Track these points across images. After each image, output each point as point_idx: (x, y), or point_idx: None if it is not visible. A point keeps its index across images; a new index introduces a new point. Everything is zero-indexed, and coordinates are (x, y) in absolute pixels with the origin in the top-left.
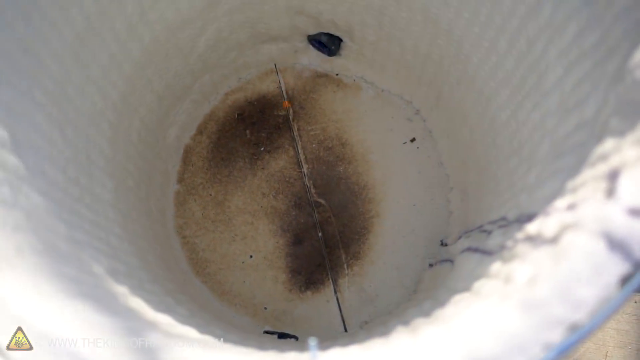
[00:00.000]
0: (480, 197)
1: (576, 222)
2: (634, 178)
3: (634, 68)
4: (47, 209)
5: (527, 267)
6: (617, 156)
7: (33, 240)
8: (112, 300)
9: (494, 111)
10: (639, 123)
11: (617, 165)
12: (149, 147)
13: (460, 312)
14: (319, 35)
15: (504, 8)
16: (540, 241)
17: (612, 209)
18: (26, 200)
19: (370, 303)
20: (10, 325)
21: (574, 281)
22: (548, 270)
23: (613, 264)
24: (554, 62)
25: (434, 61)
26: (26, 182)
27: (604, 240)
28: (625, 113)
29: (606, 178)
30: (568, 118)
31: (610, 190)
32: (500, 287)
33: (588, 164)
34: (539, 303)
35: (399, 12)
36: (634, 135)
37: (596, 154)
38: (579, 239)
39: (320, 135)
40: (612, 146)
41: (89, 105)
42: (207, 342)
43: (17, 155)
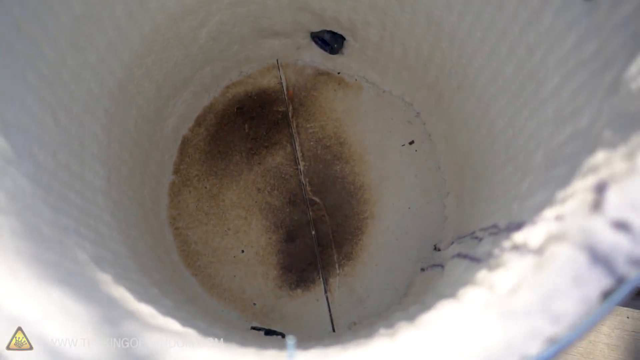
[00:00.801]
0: (475, 203)
1: (561, 233)
2: (621, 191)
3: (629, 80)
4: (33, 193)
5: (510, 276)
6: (607, 168)
7: (14, 223)
8: (92, 288)
9: (492, 117)
10: (631, 136)
11: (605, 178)
12: (145, 136)
13: (441, 318)
14: (322, 33)
15: (506, 13)
16: (526, 250)
17: (597, 221)
18: (11, 183)
19: (360, 304)
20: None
21: (555, 293)
22: (530, 280)
23: (595, 278)
24: (552, 71)
25: (436, 64)
26: (13, 165)
27: (587, 253)
28: (618, 125)
29: (594, 190)
30: (563, 128)
31: (597, 203)
32: (484, 294)
33: (579, 175)
34: (518, 313)
35: (402, 13)
36: (625, 148)
37: (587, 165)
38: (562, 250)
39: (319, 133)
40: (603, 158)
41: (84, 91)
42: (187, 336)
43: (5, 137)
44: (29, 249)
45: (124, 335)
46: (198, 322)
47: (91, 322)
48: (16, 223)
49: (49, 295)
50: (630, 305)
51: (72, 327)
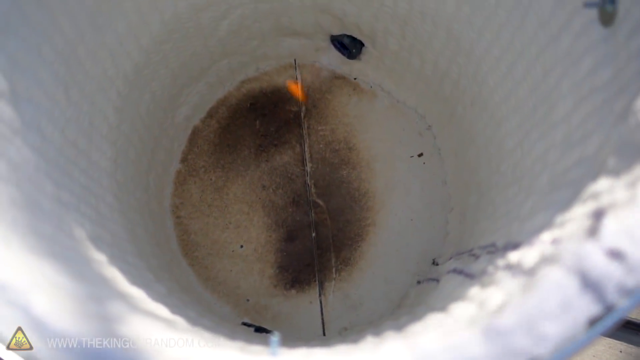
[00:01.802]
0: (477, 221)
1: (554, 255)
2: (618, 220)
3: (636, 110)
4: (37, 165)
5: (499, 294)
6: (608, 196)
7: (14, 192)
8: (85, 265)
9: (502, 137)
10: (635, 165)
11: (604, 205)
12: (156, 122)
13: (426, 330)
14: (341, 37)
15: (525, 34)
16: (519, 271)
17: (591, 247)
18: (16, 153)
19: (352, 310)
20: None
21: (541, 315)
22: (517, 300)
23: (583, 304)
24: (566, 95)
25: (452, 79)
26: (19, 135)
27: (578, 278)
28: (624, 154)
29: (591, 216)
30: (570, 153)
31: (593, 229)
32: (472, 310)
33: (580, 201)
34: (502, 331)
35: (423, 25)
36: (628, 178)
37: (589, 192)
38: (553, 273)
39: (329, 137)
40: (606, 186)
41: (99, 71)
42: (175, 323)
43: (14, 108)
44: (25, 220)
45: (110, 315)
46: (189, 311)
47: (78, 298)
48: (15, 193)
49: (39, 267)
50: (623, 339)
51: (58, 300)
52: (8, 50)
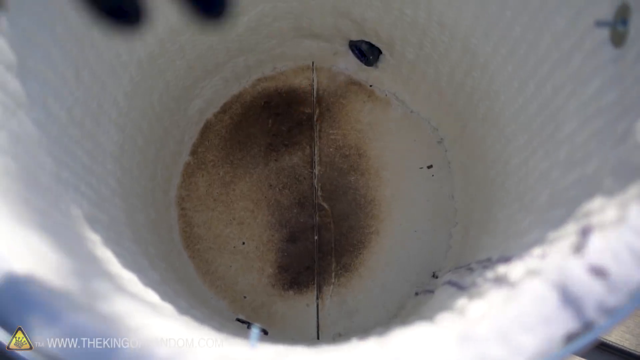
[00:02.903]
0: (479, 236)
1: (538, 269)
2: (605, 238)
3: (636, 132)
4: (39, 141)
5: (483, 305)
6: (599, 215)
7: (10, 163)
8: (76, 243)
9: (509, 153)
10: (629, 187)
11: (593, 223)
12: (168, 112)
13: (405, 335)
14: (360, 43)
15: (539, 52)
16: (505, 283)
17: (574, 263)
18: (17, 126)
19: (348, 317)
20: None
21: (519, 326)
22: (497, 310)
23: (562, 318)
24: (572, 114)
25: (466, 92)
26: (23, 109)
27: (559, 293)
28: (620, 175)
29: (578, 233)
30: (571, 172)
31: (579, 246)
32: (454, 319)
33: (574, 219)
34: (477, 339)
35: (440, 37)
36: (621, 198)
37: (584, 210)
38: (535, 285)
39: (340, 141)
40: (599, 205)
41: (112, 55)
42: (161, 309)
43: (21, 82)
44: (19, 192)
45: (92, 291)
46: (180, 301)
47: (61, 271)
48: (12, 164)
49: (24, 236)
50: (579, 353)
51: (38, 270)
52: (21, 25)
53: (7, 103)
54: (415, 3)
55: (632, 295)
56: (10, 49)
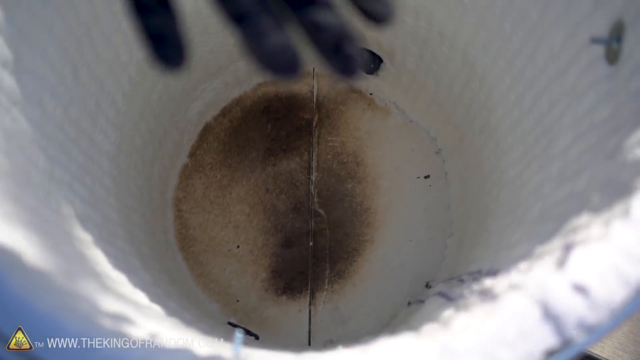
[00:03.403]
0: (472, 248)
1: (520, 283)
2: (587, 255)
3: (627, 149)
4: (33, 138)
5: (466, 317)
6: (584, 231)
7: (2, 161)
8: (65, 241)
9: (504, 166)
10: (615, 204)
11: (577, 239)
12: (167, 114)
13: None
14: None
15: (536, 65)
16: (489, 296)
17: (557, 279)
18: (11, 123)
19: (340, 324)
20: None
21: (498, 340)
22: (479, 323)
23: (542, 334)
24: (566, 129)
25: (464, 104)
26: (18, 106)
27: (540, 308)
28: (607, 191)
29: (562, 248)
30: (562, 187)
31: (561, 261)
32: (438, 330)
33: (561, 234)
34: (458, 352)
35: (440, 47)
36: (606, 215)
37: (571, 226)
38: (516, 300)
39: (338, 148)
40: (585, 221)
41: (111, 55)
42: (148, 310)
43: (16, 79)
44: (8, 189)
45: (74, 289)
46: (170, 302)
47: (44, 269)
48: (3, 160)
49: (8, 231)
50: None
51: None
52: (17, 22)
53: (1, 100)
54: (416, 13)
55: (613, 313)
56: (6, 46)
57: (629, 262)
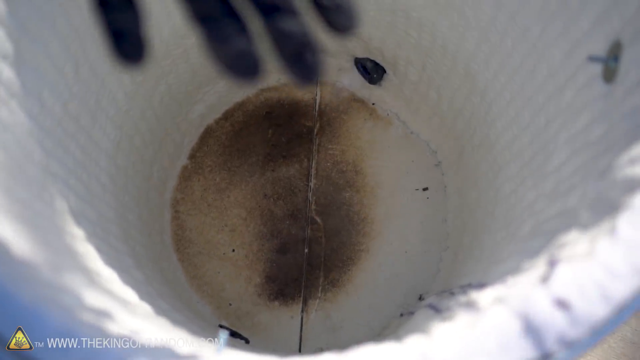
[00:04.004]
0: (466, 261)
1: (504, 297)
2: (572, 271)
3: (617, 168)
4: (30, 131)
5: (448, 327)
6: (570, 248)
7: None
8: (55, 235)
9: (501, 181)
10: (602, 222)
11: (562, 255)
12: (169, 114)
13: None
14: (365, 60)
15: (535, 82)
16: (473, 308)
17: (539, 293)
18: (8, 115)
19: (332, 332)
20: None
21: (477, 351)
22: (460, 334)
23: (521, 348)
24: (561, 147)
25: (465, 117)
26: (16, 99)
27: (521, 322)
28: (596, 209)
29: (546, 263)
30: (554, 204)
31: (545, 276)
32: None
33: (548, 250)
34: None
35: (443, 60)
36: (593, 232)
37: (559, 242)
38: (498, 313)
39: (338, 157)
40: (573, 238)
41: None
42: (136, 308)
43: (16, 72)
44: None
45: (60, 284)
46: (162, 302)
47: (31, 262)
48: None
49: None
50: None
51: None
52: (20, 16)
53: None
54: (420, 25)
55: (593, 330)
56: (8, 39)
57: (612, 280)
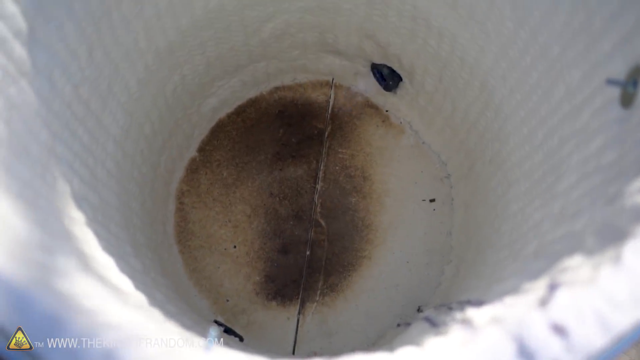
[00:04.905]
0: (467, 276)
1: (501, 317)
2: (572, 297)
3: (627, 195)
4: (37, 112)
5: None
6: (573, 273)
7: (1, 129)
8: (54, 218)
9: (509, 199)
10: (607, 249)
11: (564, 280)
12: (181, 105)
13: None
14: (382, 67)
15: (551, 102)
16: (469, 326)
17: (537, 317)
18: (17, 93)
19: (327, 337)
20: None
21: None
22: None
23: None
24: (572, 169)
25: (478, 132)
26: (26, 78)
27: (516, 344)
28: (602, 235)
29: (546, 287)
30: (560, 226)
31: (544, 300)
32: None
33: (550, 273)
34: None
35: (460, 72)
36: (598, 259)
37: (562, 266)
38: (493, 333)
39: (347, 161)
40: (577, 262)
41: (130, 40)
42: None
43: (28, 50)
44: (2, 156)
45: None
46: (157, 293)
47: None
48: (3, 130)
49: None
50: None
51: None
52: None
53: (8, 69)
54: (440, 35)
55: (589, 359)
56: (22, 17)
57: (613, 309)
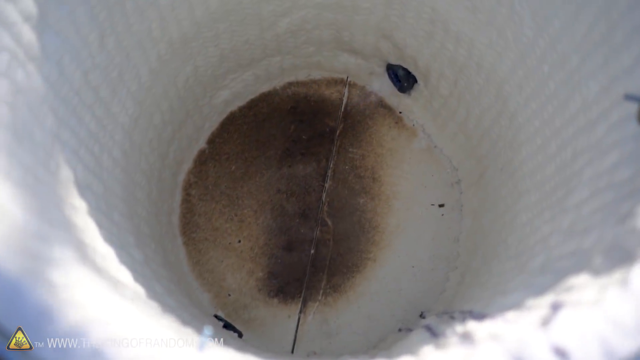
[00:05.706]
0: (471, 285)
1: (501, 335)
2: (575, 318)
3: (636, 216)
4: (44, 97)
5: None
6: (578, 293)
7: (5, 113)
8: (54, 206)
9: (518, 209)
10: (615, 270)
11: (568, 300)
12: (192, 97)
13: None
14: (397, 68)
15: (567, 113)
16: (468, 340)
17: (538, 337)
18: (24, 78)
19: (327, 338)
20: None
21: None
22: None
23: None
24: (584, 184)
25: (491, 139)
26: (34, 63)
27: None
28: (610, 256)
29: (549, 306)
30: (569, 242)
31: (546, 320)
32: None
33: (555, 290)
34: None
35: (476, 78)
36: (605, 280)
37: (568, 284)
38: (492, 350)
39: (357, 161)
40: (582, 282)
41: (143, 29)
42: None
43: (38, 35)
44: (4, 142)
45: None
46: (157, 285)
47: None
48: (7, 114)
49: None
50: None
51: None
52: None
53: (16, 53)
54: (457, 39)
55: None
56: (33, 1)
57: (617, 334)
